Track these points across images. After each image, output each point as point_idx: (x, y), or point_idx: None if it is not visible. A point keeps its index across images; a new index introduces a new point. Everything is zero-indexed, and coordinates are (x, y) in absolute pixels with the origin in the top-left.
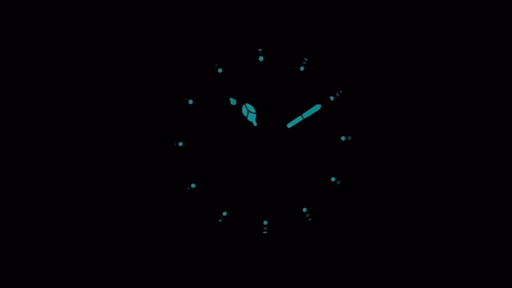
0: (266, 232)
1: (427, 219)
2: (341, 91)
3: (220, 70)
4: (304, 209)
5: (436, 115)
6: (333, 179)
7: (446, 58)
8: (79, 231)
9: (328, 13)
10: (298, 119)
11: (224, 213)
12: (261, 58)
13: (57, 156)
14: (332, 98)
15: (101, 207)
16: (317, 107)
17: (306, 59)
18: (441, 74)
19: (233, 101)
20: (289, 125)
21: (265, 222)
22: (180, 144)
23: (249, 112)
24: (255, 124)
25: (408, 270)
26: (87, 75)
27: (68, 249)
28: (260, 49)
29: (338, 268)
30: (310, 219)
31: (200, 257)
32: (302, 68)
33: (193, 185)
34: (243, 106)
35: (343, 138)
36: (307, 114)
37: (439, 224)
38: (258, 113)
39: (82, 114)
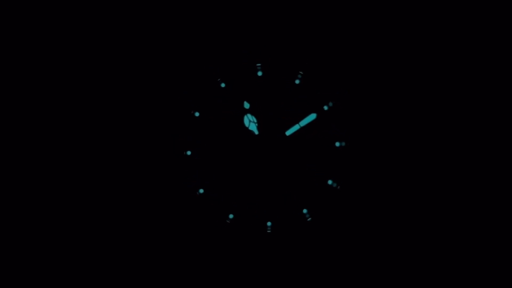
0: (270, 231)
1: (416, 216)
2: (331, 104)
3: (223, 85)
4: (304, 210)
5: (421, 124)
6: (329, 182)
7: (430, 71)
8: (97, 235)
9: (319, 30)
10: (296, 127)
11: (231, 216)
12: (259, 73)
13: (73, 167)
14: (326, 107)
15: (118, 211)
16: (312, 116)
17: (301, 72)
18: (428, 86)
19: (246, 105)
20: (288, 132)
21: (269, 223)
22: (189, 153)
23: (251, 122)
24: (256, 132)
25: (401, 267)
26: (104, 93)
27: (84, 252)
28: (258, 65)
29: (336, 263)
30: (309, 219)
31: (210, 256)
32: (297, 81)
33: (201, 191)
34: (245, 117)
35: (337, 144)
36: (303, 122)
37: (429, 220)
38: (258, 122)
39: (102, 128)
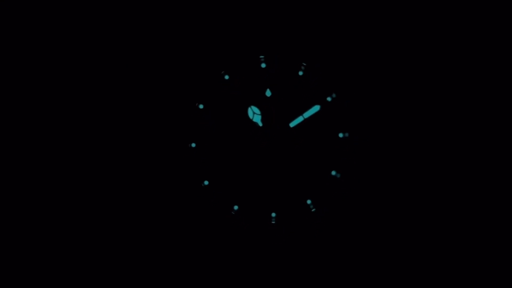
0: (274, 222)
1: (419, 207)
2: (334, 95)
3: (226, 77)
4: (308, 201)
5: (425, 112)
6: (333, 172)
7: (436, 62)
8: (101, 227)
9: (322, 21)
10: (300, 119)
11: (236, 207)
12: (263, 65)
13: (78, 159)
14: (329, 99)
15: (122, 203)
16: (316, 108)
17: (304, 64)
18: (430, 77)
19: (268, 93)
20: (292, 124)
21: (273, 214)
22: (193, 145)
23: (255, 114)
24: (260, 124)
25: (405, 259)
26: (109, 86)
27: (89, 245)
28: (262, 56)
29: (340, 254)
30: (314, 210)
31: (215, 247)
32: (301, 73)
33: (206, 182)
34: (249, 109)
35: (341, 135)
36: (307, 114)
37: (432, 214)
38: (262, 114)
39: (106, 122)
